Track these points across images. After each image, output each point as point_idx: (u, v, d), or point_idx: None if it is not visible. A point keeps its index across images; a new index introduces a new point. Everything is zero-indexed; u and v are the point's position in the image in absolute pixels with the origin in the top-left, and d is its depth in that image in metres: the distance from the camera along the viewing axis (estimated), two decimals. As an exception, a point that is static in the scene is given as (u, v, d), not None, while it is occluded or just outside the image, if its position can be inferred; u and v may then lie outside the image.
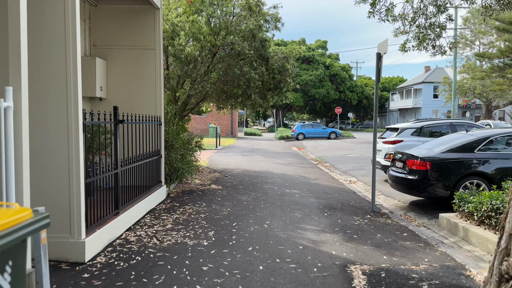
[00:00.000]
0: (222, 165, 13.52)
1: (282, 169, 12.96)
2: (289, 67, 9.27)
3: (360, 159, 17.44)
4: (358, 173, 13.14)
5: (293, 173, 12.18)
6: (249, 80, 8.29)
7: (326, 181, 10.87)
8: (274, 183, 9.79)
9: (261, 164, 14.43)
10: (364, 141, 31.70)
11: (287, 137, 35.29)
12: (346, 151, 22.05)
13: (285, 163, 15.12)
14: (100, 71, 7.15)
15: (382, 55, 6.89)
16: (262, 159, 16.55)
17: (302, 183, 10.03)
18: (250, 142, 29.65)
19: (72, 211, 4.11)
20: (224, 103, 10.78)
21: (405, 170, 7.62)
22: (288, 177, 11.01)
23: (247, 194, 8.21)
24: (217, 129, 22.07)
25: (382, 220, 6.50)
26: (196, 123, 37.74)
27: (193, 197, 7.76)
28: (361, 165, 15.13)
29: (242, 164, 13.95)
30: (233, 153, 18.91)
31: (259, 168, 13.07)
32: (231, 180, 10.02)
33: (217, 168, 12.50)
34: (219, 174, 10.97)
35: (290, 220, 6.22)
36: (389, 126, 11.75)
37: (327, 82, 57.63)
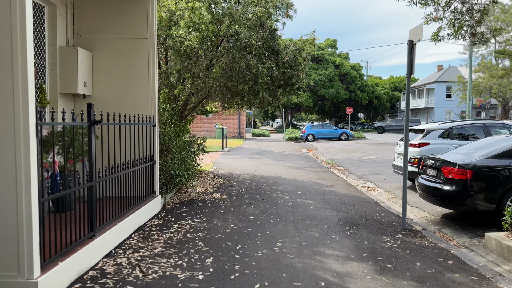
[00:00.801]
0: (228, 169, 12.48)
1: (292, 174, 11.88)
2: (302, 61, 8.20)
3: (376, 162, 16.28)
4: (376, 178, 12.01)
5: (305, 178, 11.10)
6: (256, 75, 7.23)
7: (343, 188, 9.77)
8: (284, 191, 8.72)
9: (269, 168, 13.37)
10: (377, 142, 30.44)
11: (296, 138, 34.17)
12: (359, 153, 20.87)
13: (296, 167, 14.04)
14: (84, 64, 6.15)
15: (415, 43, 5.79)
16: (271, 162, 15.48)
17: (316, 191, 8.95)
18: (258, 144, 28.61)
19: (21, 241, 3.10)
20: (229, 102, 9.73)
21: (440, 179, 6.50)
22: (300, 184, 9.93)
23: (255, 205, 7.15)
24: (223, 130, 21.06)
25: (416, 240, 5.40)
26: (203, 123, 36.83)
27: (193, 208, 6.73)
28: (378, 169, 13.99)
29: (249, 168, 12.90)
30: (240, 156, 17.87)
31: (267, 172, 12.00)
32: (237, 187, 8.98)
33: (222, 173, 11.46)
34: (223, 180, 9.92)
35: (306, 241, 5.15)
36: (413, 127, 10.62)
37: (337, 82, 56.39)
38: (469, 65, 41.05)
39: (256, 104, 9.75)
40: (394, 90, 70.00)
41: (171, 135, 7.25)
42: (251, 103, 9.52)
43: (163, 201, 6.85)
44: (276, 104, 8.91)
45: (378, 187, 10.69)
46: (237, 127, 36.93)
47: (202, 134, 37.82)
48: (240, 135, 36.82)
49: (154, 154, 6.44)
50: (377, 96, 64.46)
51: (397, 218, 6.77)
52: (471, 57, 42.02)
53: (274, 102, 8.73)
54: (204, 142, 10.01)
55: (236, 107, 11.38)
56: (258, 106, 10.04)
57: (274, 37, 7.67)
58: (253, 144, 27.57)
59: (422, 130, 9.74)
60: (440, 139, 9.48)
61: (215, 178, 10.15)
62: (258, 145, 27.17)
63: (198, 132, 36.97)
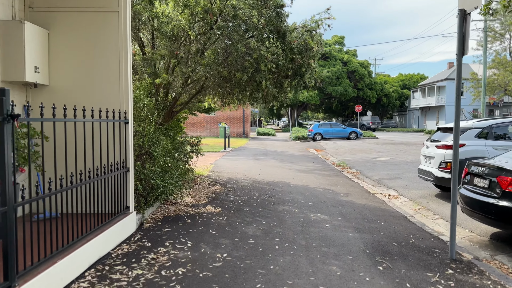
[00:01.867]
0: (228, 173, 11.07)
1: (301, 179, 10.43)
2: (314, 45, 6.73)
3: (392, 164, 14.78)
4: (396, 183, 10.53)
5: (316, 184, 9.65)
6: (258, 60, 5.79)
7: (360, 196, 8.32)
8: (292, 202, 7.29)
9: (275, 171, 11.93)
10: (388, 141, 28.87)
11: (303, 137, 32.69)
12: (371, 153, 19.36)
13: (304, 170, 12.60)
14: (34, 43, 4.77)
15: (469, 12, 4.32)
16: (277, 164, 14.05)
17: (330, 202, 7.51)
18: (263, 143, 27.18)
19: None
20: (228, 95, 8.31)
21: (495, 192, 5.03)
22: (310, 192, 8.50)
23: (256, 223, 5.73)
24: (225, 129, 19.66)
25: (475, 280, 3.94)
26: (206, 122, 35.50)
27: (177, 228, 5.33)
28: (396, 173, 12.50)
29: (252, 172, 11.48)
30: (243, 157, 16.45)
31: (272, 177, 10.57)
32: (236, 197, 7.56)
33: (220, 177, 10.05)
34: (221, 187, 8.51)
35: (325, 283, 3.72)
36: (442, 125, 9.11)
37: (345, 79, 54.80)
38: (483, 61, 39.34)
39: (259, 98, 8.32)
40: (403, 88, 68.24)
41: (153, 135, 5.85)
42: (253, 97, 8.08)
43: (140, 218, 5.45)
44: (282, 98, 7.45)
45: (400, 195, 9.23)
46: (241, 126, 35.52)
47: (205, 133, 36.52)
48: (244, 134, 35.42)
49: (127, 160, 5.05)
50: (386, 94, 62.80)
51: (436, 240, 5.31)
52: (486, 52, 40.28)
53: (280, 96, 7.27)
54: (198, 142, 8.61)
55: (237, 103, 9.96)
56: (261, 101, 8.61)
57: (280, 15, 6.21)
58: (258, 144, 26.15)
59: (455, 128, 8.24)
60: (477, 139, 7.99)
61: (212, 185, 8.73)
62: (263, 145, 25.75)
63: (201, 131, 35.60)
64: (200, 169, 11.48)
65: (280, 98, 7.45)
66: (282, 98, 7.45)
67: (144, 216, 5.54)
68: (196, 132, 35.60)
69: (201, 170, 11.20)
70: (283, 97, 7.37)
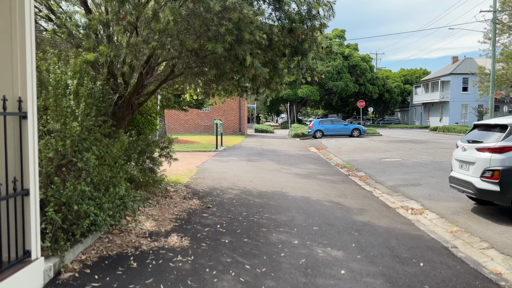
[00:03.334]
0: (213, 179, 9.16)
1: (301, 187, 8.53)
2: (321, 10, 4.83)
3: (405, 166, 12.88)
4: (416, 192, 8.65)
5: (320, 195, 7.75)
6: (239, 25, 3.86)
7: (379, 213, 6.41)
8: (291, 226, 5.38)
9: (270, 176, 10.02)
10: (394, 139, 26.97)
11: (303, 134, 30.80)
12: (379, 153, 17.47)
13: (305, 174, 10.69)
14: None
15: None
16: (273, 167, 12.14)
17: (341, 224, 5.60)
18: (260, 141, 25.28)
19: None
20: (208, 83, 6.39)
21: None
22: (313, 207, 6.59)
23: (236, 268, 3.83)
24: (217, 125, 17.75)
25: None
26: (200, 119, 33.57)
27: (113, 280, 3.43)
28: (413, 177, 10.61)
29: (243, 178, 9.57)
30: (235, 158, 14.54)
31: (267, 185, 8.67)
32: (215, 217, 5.65)
33: (202, 186, 8.14)
34: (199, 202, 6.58)
35: None
36: (482, 122, 7.19)
37: (346, 74, 52.86)
38: (492, 55, 37.41)
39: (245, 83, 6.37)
40: (406, 83, 66.35)
41: (82, 136, 3.91)
42: (240, 84, 6.14)
43: (56, 265, 3.54)
44: (277, 84, 5.48)
45: (425, 208, 7.36)
46: (237, 122, 33.59)
47: (199, 130, 34.59)
48: (240, 131, 33.50)
49: (25, 176, 3.14)
50: (388, 90, 60.91)
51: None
52: (494, 45, 38.35)
53: (275, 81, 5.32)
54: (170, 144, 6.68)
55: (223, 94, 8.05)
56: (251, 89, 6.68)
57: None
58: (254, 142, 24.24)
59: (504, 126, 6.33)
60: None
61: (188, 198, 6.81)
62: (260, 143, 23.85)
63: (195, 128, 33.66)
64: (180, 175, 9.57)
65: (274, 85, 5.51)
66: (276, 84, 5.49)
67: (64, 261, 3.62)
68: (190, 129, 33.69)
69: (181, 176, 9.29)
70: (278, 82, 5.40)
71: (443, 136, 31.62)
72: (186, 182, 8.43)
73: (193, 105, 21.84)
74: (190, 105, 21.90)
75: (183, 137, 26.10)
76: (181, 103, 20.83)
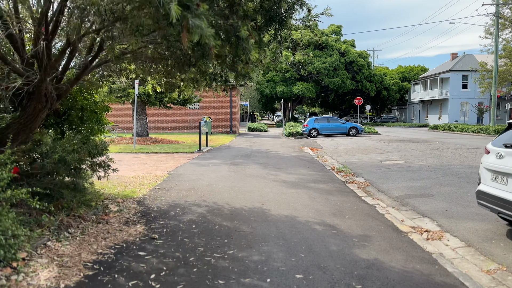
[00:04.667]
0: (179, 191, 7.44)
1: (288, 202, 6.84)
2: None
3: (410, 171, 11.22)
4: (429, 206, 7.01)
5: (311, 213, 6.07)
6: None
7: (388, 244, 4.74)
8: (263, 274, 3.67)
9: (252, 186, 8.33)
10: (394, 138, 25.34)
11: (297, 133, 29.13)
12: (379, 154, 15.82)
13: (294, 182, 9.00)
14: None
15: None
16: (259, 172, 10.45)
17: (337, 267, 3.91)
18: (251, 141, 23.58)
19: None
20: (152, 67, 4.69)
21: None
22: (300, 236, 4.90)
23: None
24: (200, 124, 16.01)
25: None
26: (189, 117, 31.80)
27: None
28: (422, 185, 8.96)
29: (218, 188, 7.87)
30: (218, 161, 12.83)
31: (245, 198, 6.98)
32: (155, 258, 3.94)
33: (159, 203, 6.41)
34: (142, 229, 4.85)
35: None
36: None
37: (343, 71, 51.20)
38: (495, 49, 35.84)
39: (212, 75, 4.68)
40: (404, 81, 64.85)
41: None
42: (201, 70, 4.44)
43: None
44: (244, 61, 3.78)
45: (445, 231, 5.72)
46: (228, 121, 31.85)
47: (188, 129, 32.76)
48: (232, 130, 31.77)
49: None
50: (386, 87, 59.38)
51: None
52: (497, 40, 36.76)
53: (241, 58, 3.61)
54: (105, 148, 4.96)
55: (184, 84, 6.35)
56: (219, 77, 4.97)
57: None
58: (245, 142, 22.54)
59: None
60: None
61: (129, 224, 5.07)
62: (251, 142, 22.15)
63: (183, 126, 31.89)
64: (142, 184, 7.87)
65: (241, 66, 3.81)
66: (244, 65, 3.78)
67: None
68: (178, 128, 31.93)
69: (141, 187, 7.58)
70: (244, 61, 3.68)
71: (444, 135, 30.04)
72: (142, 196, 6.70)
73: (177, 102, 20.10)
74: (174, 102, 20.16)
75: (169, 136, 24.36)
76: (163, 100, 19.08)
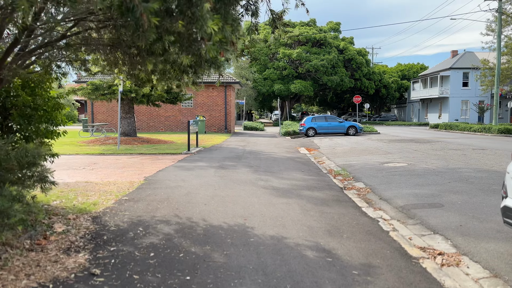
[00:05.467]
0: (149, 203, 6.41)
1: (276, 217, 5.82)
2: None
3: (414, 175, 10.22)
4: (440, 218, 6.02)
5: (301, 232, 5.06)
6: None
7: (397, 278, 3.72)
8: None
9: (237, 195, 7.31)
10: (394, 138, 24.35)
11: (294, 132, 28.13)
12: (379, 155, 14.83)
13: (286, 190, 7.99)
14: None
15: None
16: (248, 177, 9.43)
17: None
18: (245, 140, 22.56)
19: None
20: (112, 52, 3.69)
21: None
22: (285, 268, 3.88)
23: None
24: (189, 123, 14.98)
25: None
26: (182, 115, 30.75)
27: None
28: (428, 192, 7.96)
29: (197, 198, 6.85)
30: (205, 163, 11.81)
31: (226, 212, 5.96)
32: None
33: (119, 219, 5.37)
34: (84, 259, 3.81)
35: None
36: None
37: (341, 68, 50.19)
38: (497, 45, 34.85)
39: (182, 66, 3.67)
40: (403, 79, 63.89)
41: None
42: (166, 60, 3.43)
43: None
44: (202, 37, 2.81)
45: (461, 253, 4.73)
46: (223, 119, 30.79)
47: (181, 128, 31.60)
48: (226, 129, 30.72)
49: None
50: (385, 85, 58.40)
51: None
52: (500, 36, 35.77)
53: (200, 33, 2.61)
54: (37, 158, 3.93)
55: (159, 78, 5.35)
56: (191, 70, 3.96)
57: None
58: (238, 142, 21.52)
59: None
60: None
61: (71, 251, 4.03)
62: (245, 142, 21.12)
63: (177, 125, 30.80)
64: (110, 193, 6.83)
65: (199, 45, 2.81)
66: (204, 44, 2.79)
67: None
68: (171, 127, 30.88)
69: (107, 196, 6.54)
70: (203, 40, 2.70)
71: (446, 135, 29.05)
72: (103, 210, 5.66)
73: (166, 99, 19.06)
74: (164, 100, 19.11)
75: (159, 136, 23.32)
76: (151, 98, 18.03)
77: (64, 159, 12.42)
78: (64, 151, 14.55)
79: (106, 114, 29.92)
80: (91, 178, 8.67)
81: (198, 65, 3.46)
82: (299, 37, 47.94)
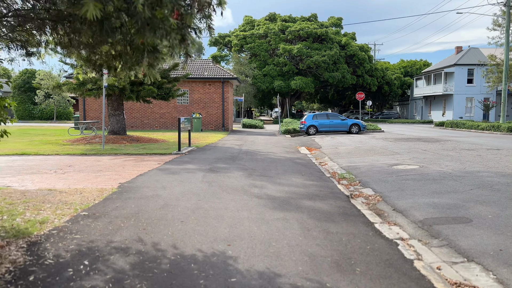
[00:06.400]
0: (112, 220, 5.20)
1: (268, 241, 4.62)
2: None
3: (429, 179, 9.00)
4: (471, 239, 4.80)
5: (301, 268, 3.85)
6: None
7: None
8: None
9: (224, 207, 6.10)
10: (400, 136, 23.11)
11: (294, 130, 26.92)
12: (386, 156, 13.61)
13: (283, 200, 6.77)
14: None
15: None
16: (240, 183, 8.22)
17: None
18: (242, 139, 21.34)
19: None
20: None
21: None
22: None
23: None
24: (180, 120, 13.76)
25: None
26: (178, 112, 29.50)
27: None
28: (450, 202, 6.72)
29: (175, 212, 5.64)
30: (193, 166, 10.60)
31: (206, 234, 4.76)
32: None
33: (68, 245, 4.17)
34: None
35: None
36: None
37: (343, 65, 48.87)
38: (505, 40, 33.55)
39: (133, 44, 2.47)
40: (406, 76, 62.56)
41: None
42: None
43: None
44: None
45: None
46: (220, 117, 29.56)
47: (176, 126, 30.19)
48: (224, 127, 29.50)
49: None
50: (387, 82, 57.05)
51: None
52: (508, 31, 34.44)
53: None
54: None
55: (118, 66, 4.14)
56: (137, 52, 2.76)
57: None
58: (235, 140, 20.30)
59: None
60: None
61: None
62: (241, 141, 19.91)
63: (172, 123, 29.54)
64: (69, 204, 5.61)
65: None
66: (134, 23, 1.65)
67: None
68: (166, 124, 29.65)
69: (65, 209, 5.33)
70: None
71: (454, 133, 27.79)
72: (48, 231, 4.44)
73: (157, 95, 17.84)
74: (155, 96, 17.90)
75: (152, 134, 22.12)
76: (141, 93, 16.80)
77: (38, 160, 11.21)
78: (44, 151, 13.35)
79: (98, 111, 28.73)
80: (58, 185, 7.47)
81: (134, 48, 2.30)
82: (299, 32, 46.62)
